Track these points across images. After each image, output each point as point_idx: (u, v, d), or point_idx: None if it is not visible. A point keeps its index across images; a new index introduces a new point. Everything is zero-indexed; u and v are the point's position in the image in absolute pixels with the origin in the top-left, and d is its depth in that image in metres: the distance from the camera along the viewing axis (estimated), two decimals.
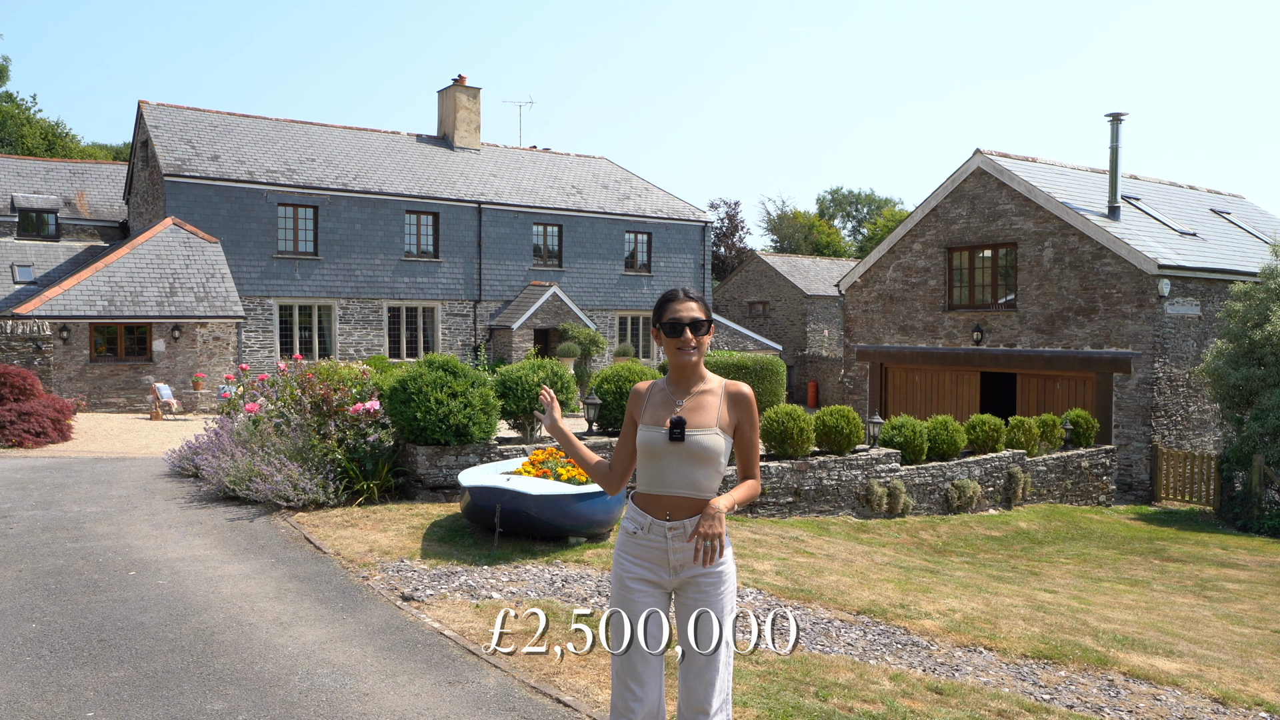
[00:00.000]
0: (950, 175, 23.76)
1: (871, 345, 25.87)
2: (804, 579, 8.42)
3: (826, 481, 13.67)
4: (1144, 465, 19.98)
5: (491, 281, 32.99)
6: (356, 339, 30.44)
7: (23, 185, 34.68)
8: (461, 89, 35.89)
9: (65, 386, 22.68)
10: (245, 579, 7.27)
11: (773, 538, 10.66)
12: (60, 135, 53.87)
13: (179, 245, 25.95)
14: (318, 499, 9.81)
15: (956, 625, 7.37)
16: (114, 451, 15.53)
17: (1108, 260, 20.46)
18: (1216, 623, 9.45)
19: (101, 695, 4.90)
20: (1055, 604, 9.05)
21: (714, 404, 3.53)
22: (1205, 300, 20.83)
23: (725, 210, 59.29)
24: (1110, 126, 22.09)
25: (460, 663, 5.53)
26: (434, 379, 10.38)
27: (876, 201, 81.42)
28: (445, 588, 7.13)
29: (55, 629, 5.95)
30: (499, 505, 8.21)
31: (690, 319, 3.52)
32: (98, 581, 7.07)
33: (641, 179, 39.64)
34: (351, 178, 30.68)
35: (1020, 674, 6.40)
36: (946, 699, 5.59)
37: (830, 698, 5.30)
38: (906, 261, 24.94)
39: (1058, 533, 15.18)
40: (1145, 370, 19.87)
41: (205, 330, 24.64)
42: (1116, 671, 6.66)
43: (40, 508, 9.96)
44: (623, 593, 3.53)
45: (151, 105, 30.97)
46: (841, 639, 6.73)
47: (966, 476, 15.64)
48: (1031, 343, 21.91)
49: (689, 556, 3.47)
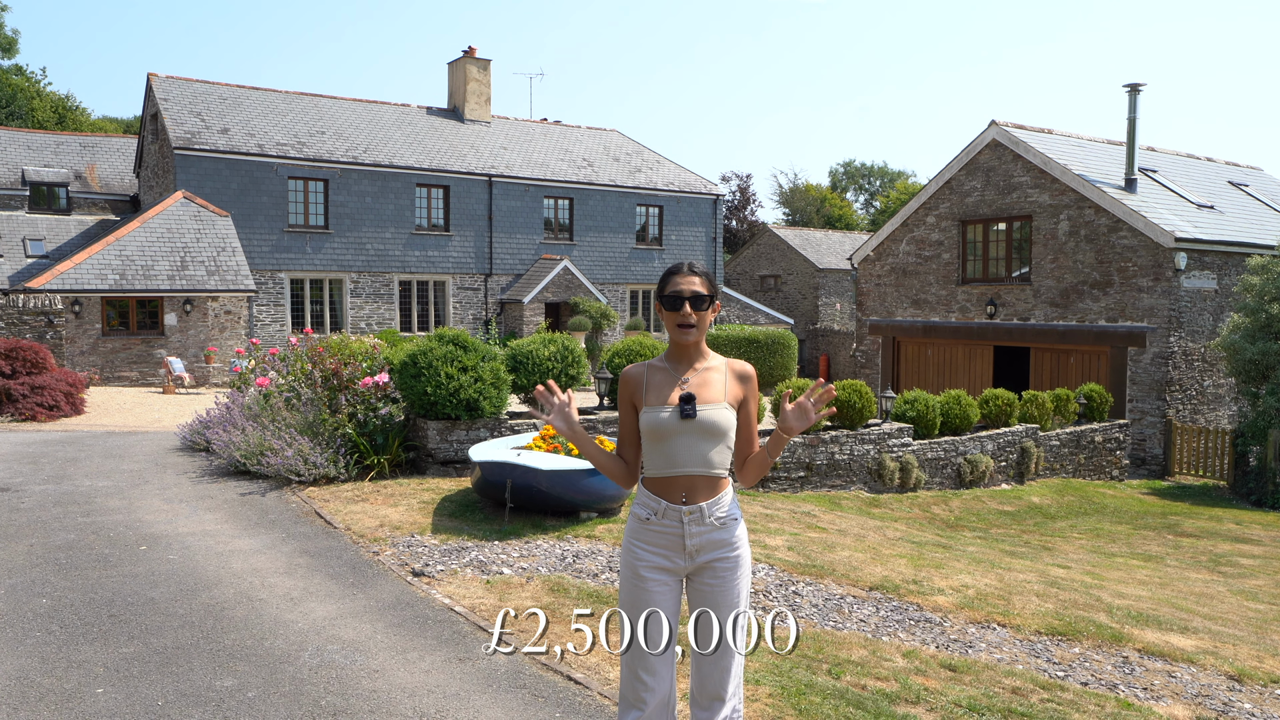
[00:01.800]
0: (965, 147, 23.52)
1: (884, 319, 25.74)
2: (816, 554, 8.38)
3: (839, 456, 13.62)
4: (1158, 440, 19.87)
5: (502, 255, 32.89)
6: (368, 313, 30.42)
7: (33, 159, 34.65)
8: (472, 61, 35.65)
9: (78, 360, 22.74)
10: (256, 554, 7.26)
11: (784, 512, 10.62)
12: (70, 108, 53.76)
13: (189, 219, 25.91)
14: (328, 473, 9.80)
15: (969, 601, 7.33)
16: (126, 425, 15.57)
17: (1124, 233, 20.26)
18: (1231, 598, 9.39)
19: (111, 671, 4.89)
20: (1068, 580, 8.99)
21: (720, 380, 3.43)
22: (1222, 273, 20.63)
23: (737, 183, 58.95)
24: (1128, 97, 21.81)
25: (471, 639, 5.50)
26: (444, 353, 10.33)
27: (889, 174, 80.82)
28: (456, 563, 7.11)
29: (66, 604, 5.95)
30: (510, 480, 8.18)
31: (691, 293, 3.39)
32: (108, 556, 7.07)
33: (653, 151, 39.39)
34: (362, 150, 30.57)
35: (1034, 651, 6.36)
36: (960, 676, 5.55)
37: (843, 675, 5.26)
38: (920, 234, 24.75)
39: (1071, 508, 15.11)
40: (1160, 344, 19.72)
41: (216, 304, 24.65)
42: (1131, 648, 6.61)
43: (52, 482, 9.98)
44: (636, 582, 3.40)
45: (161, 78, 30.84)
46: (854, 615, 6.69)
47: (979, 451, 15.57)
48: (1045, 316, 21.75)
49: (706, 540, 3.38)
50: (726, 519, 3.40)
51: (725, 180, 59.08)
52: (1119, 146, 24.40)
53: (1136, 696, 5.69)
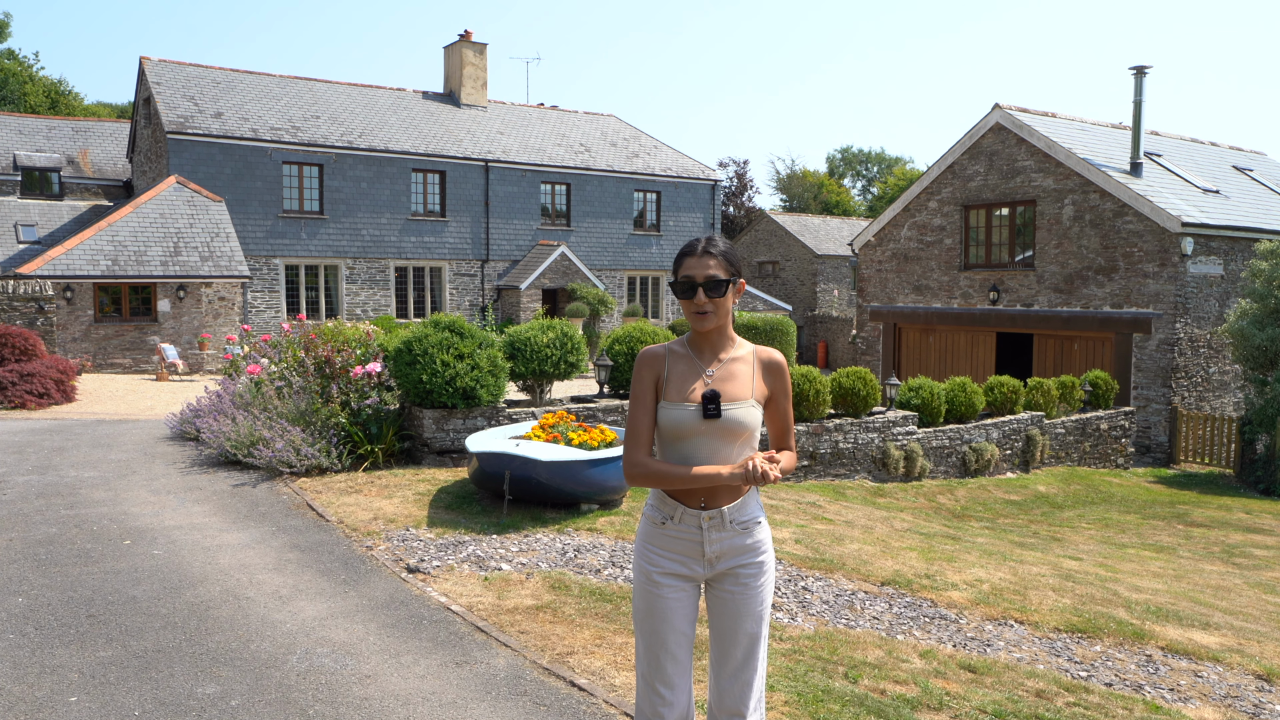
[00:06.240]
0: (968, 131, 23.19)
1: (885, 305, 25.45)
2: (825, 548, 8.12)
3: (843, 445, 13.36)
4: (1163, 427, 19.62)
5: (499, 241, 32.55)
6: (363, 299, 30.10)
7: (25, 144, 34.25)
8: (468, 45, 35.23)
9: (70, 347, 22.43)
10: (244, 549, 6.99)
11: (789, 503, 10.37)
12: (63, 93, 53.22)
13: (183, 204, 25.55)
14: (321, 464, 9.52)
15: (984, 597, 7.08)
16: (117, 413, 15.28)
17: (1129, 218, 19.97)
18: (1249, 591, 9.15)
19: (86, 678, 4.61)
20: (1082, 572, 8.75)
21: (747, 373, 3.10)
22: (1228, 259, 20.35)
23: (734, 169, 58.47)
24: (1134, 80, 21.46)
25: (468, 641, 5.23)
26: (440, 340, 10.04)
27: (887, 160, 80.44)
28: (452, 558, 6.84)
29: (42, 603, 5.68)
30: (508, 471, 7.89)
31: (705, 277, 3.02)
32: (90, 551, 6.79)
33: (651, 137, 39.01)
34: (357, 135, 30.19)
35: (1054, 649, 6.11)
36: (981, 678, 5.29)
37: (860, 679, 5.00)
38: (922, 220, 24.44)
39: (1077, 496, 14.87)
40: (1166, 331, 19.45)
41: (210, 290, 24.32)
42: (1154, 646, 6.37)
43: (36, 472, 9.69)
44: (650, 589, 3.09)
45: (153, 61, 30.41)
46: (867, 612, 6.44)
47: (984, 439, 15.31)
48: (1049, 303, 21.47)
49: (728, 546, 3.07)
50: (749, 523, 3.10)
51: (723, 166, 58.68)
52: (1123, 130, 24.09)
53: (1164, 698, 5.44)
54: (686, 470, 2.98)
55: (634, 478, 3.05)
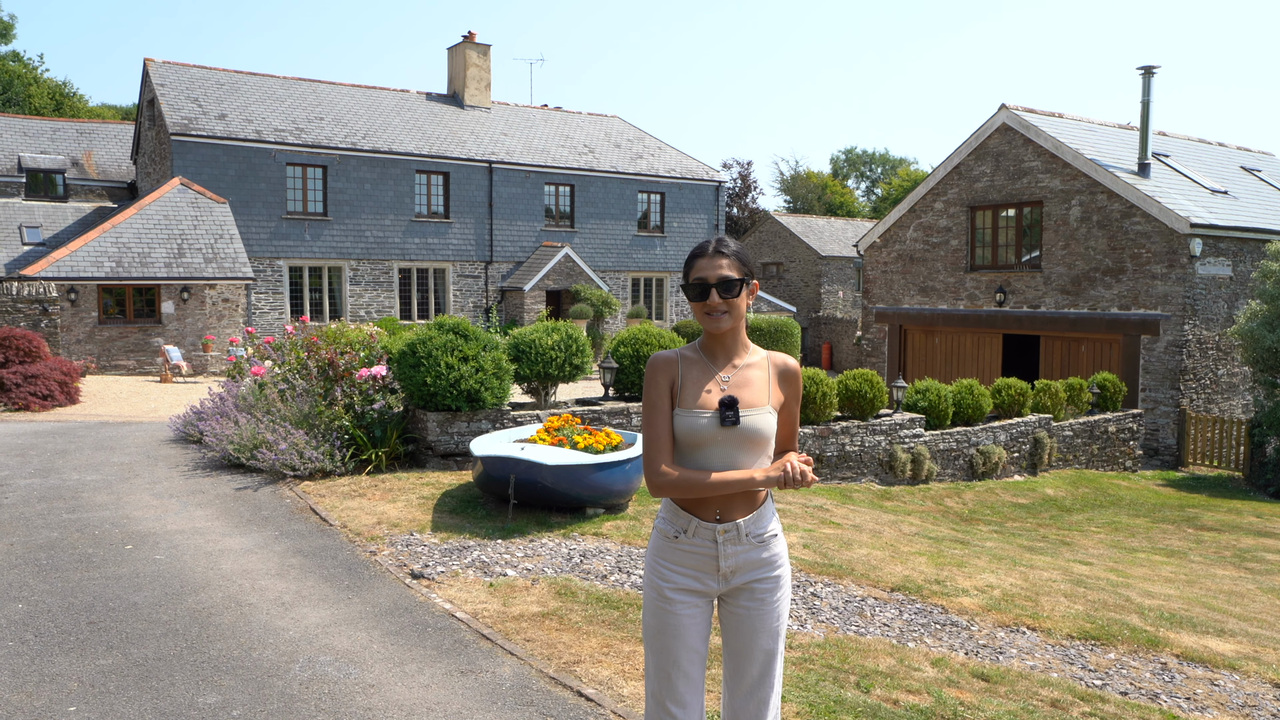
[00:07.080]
0: (974, 132, 23.08)
1: (890, 307, 25.34)
2: (833, 552, 8.03)
3: (849, 447, 13.26)
4: (1171, 430, 19.50)
5: (503, 242, 32.49)
6: (367, 300, 30.04)
7: (30, 145, 34.23)
8: (471, 46, 35.18)
9: (74, 349, 22.39)
10: (247, 554, 6.91)
11: (796, 507, 10.28)
12: (68, 95, 53.27)
13: (187, 206, 25.51)
14: (324, 467, 9.44)
15: (996, 603, 6.98)
16: (121, 415, 15.22)
17: (1137, 219, 19.85)
18: (1262, 597, 9.05)
19: (86, 687, 4.54)
20: (1093, 577, 8.65)
21: (763, 379, 3.00)
22: (1237, 260, 20.22)
23: (738, 170, 58.38)
24: (1142, 80, 21.34)
25: (473, 649, 5.15)
26: (444, 342, 9.96)
27: (891, 161, 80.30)
28: (457, 564, 6.76)
29: (42, 610, 5.60)
30: (513, 476, 7.80)
31: (718, 278, 2.91)
32: (91, 556, 6.72)
33: (654, 138, 38.93)
34: (361, 137, 30.14)
35: (1068, 657, 6.02)
36: (995, 687, 5.20)
37: (873, 689, 4.91)
38: (927, 221, 24.33)
39: (1086, 500, 14.75)
40: (1174, 332, 19.33)
41: (214, 292, 24.27)
42: (1169, 653, 6.28)
43: (39, 475, 9.63)
44: (661, 604, 2.97)
45: (158, 63, 30.39)
46: (877, 619, 6.35)
47: (992, 442, 15.21)
48: (1056, 304, 21.36)
49: (744, 560, 2.96)
50: (766, 535, 2.99)
51: (726, 167, 58.60)
52: (1131, 131, 23.97)
53: (1180, 708, 5.36)
54: (718, 476, 2.87)
55: (660, 488, 2.93)
